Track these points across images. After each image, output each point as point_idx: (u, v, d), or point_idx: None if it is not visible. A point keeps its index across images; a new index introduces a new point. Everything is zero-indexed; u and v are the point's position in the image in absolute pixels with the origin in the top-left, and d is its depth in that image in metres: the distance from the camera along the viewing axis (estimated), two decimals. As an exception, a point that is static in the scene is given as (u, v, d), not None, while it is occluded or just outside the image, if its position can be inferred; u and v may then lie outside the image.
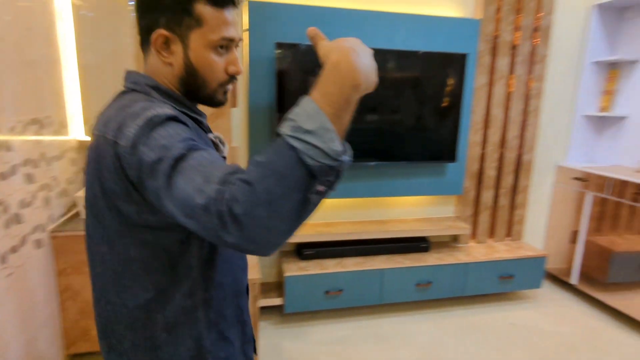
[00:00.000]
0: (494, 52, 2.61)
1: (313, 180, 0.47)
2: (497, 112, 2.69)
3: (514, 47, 2.63)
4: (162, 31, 0.63)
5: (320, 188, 0.48)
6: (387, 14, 2.36)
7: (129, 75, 0.68)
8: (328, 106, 0.47)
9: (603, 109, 2.86)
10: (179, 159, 0.51)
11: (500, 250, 2.72)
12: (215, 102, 0.69)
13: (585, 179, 2.69)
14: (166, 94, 0.66)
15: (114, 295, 0.66)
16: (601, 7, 2.66)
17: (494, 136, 2.72)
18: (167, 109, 0.58)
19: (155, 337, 0.66)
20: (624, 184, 2.43)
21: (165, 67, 0.66)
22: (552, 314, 2.55)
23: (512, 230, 2.94)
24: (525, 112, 2.75)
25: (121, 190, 0.59)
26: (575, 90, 2.85)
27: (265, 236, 0.47)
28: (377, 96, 2.35)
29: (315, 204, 0.49)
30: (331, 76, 0.48)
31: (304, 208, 0.48)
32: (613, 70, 2.78)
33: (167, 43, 0.64)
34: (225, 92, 0.70)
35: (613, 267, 2.50)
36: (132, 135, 0.55)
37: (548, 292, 2.83)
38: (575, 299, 2.73)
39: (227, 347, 0.73)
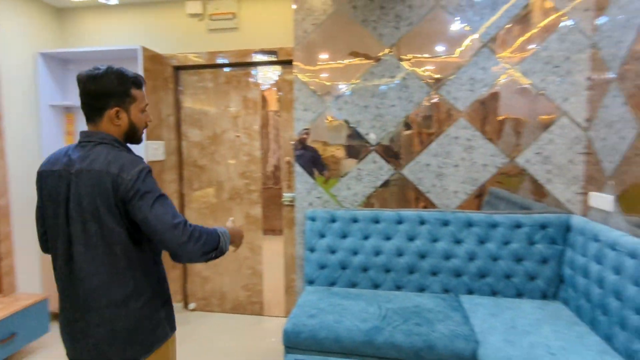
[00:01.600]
0: None
1: (217, 249, 1.18)
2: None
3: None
4: (117, 108, 1.15)
5: (215, 253, 1.18)
6: None
7: (93, 133, 1.15)
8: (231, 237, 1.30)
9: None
10: (161, 196, 1.11)
11: (-8, 312, 2.35)
12: (139, 141, 1.25)
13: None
14: (120, 143, 1.18)
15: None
16: (45, 56, 2.90)
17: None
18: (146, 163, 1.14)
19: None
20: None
21: (116, 127, 1.17)
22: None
23: (2, 285, 2.61)
24: (-13, 154, 2.51)
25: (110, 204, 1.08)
26: (38, 130, 2.93)
27: (195, 255, 1.12)
28: None
29: (212, 258, 1.18)
30: (235, 235, 1.33)
31: (209, 256, 1.16)
32: (69, 113, 3.12)
33: (117, 114, 1.16)
34: (141, 135, 1.26)
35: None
36: (135, 174, 1.08)
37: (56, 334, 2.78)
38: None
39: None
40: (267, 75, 3.02)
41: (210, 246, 1.13)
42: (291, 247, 2.96)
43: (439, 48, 2.38)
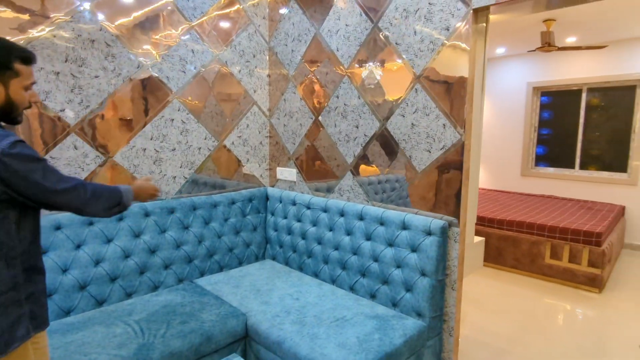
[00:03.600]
0: None
1: (119, 205, 1.27)
2: None
3: None
4: None
5: (118, 209, 1.27)
6: None
7: None
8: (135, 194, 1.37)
9: None
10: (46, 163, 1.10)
11: None
12: (18, 121, 1.13)
13: None
14: None
15: None
16: None
17: None
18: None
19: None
20: None
21: None
22: None
23: None
24: None
25: None
26: None
27: (99, 212, 1.22)
28: None
29: (115, 212, 1.27)
30: (139, 190, 1.41)
31: (112, 210, 1.25)
32: None
33: None
34: (22, 114, 1.14)
35: None
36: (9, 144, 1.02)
37: None
38: None
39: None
40: None
41: (113, 202, 1.24)
42: None
43: (149, 24, 2.12)
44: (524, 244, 3.68)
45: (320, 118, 2.46)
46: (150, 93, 2.17)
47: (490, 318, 2.80)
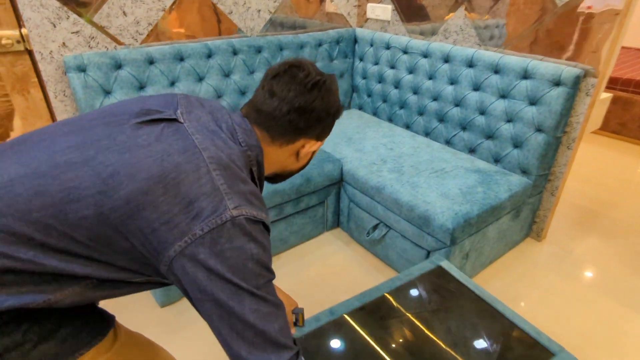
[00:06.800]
0: None
1: None
2: None
3: None
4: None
5: None
6: None
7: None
8: None
9: None
10: None
11: None
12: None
13: None
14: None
15: None
16: None
17: None
18: None
19: None
20: None
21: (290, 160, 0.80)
22: None
23: None
24: None
25: None
26: None
27: None
28: None
29: None
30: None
31: None
32: None
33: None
34: None
35: None
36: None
37: None
38: None
39: None
40: None
41: None
42: (39, 121, 1.89)
43: None
44: (637, 107, 3.22)
45: None
46: None
47: (587, 182, 2.63)
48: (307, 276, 1.78)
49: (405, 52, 2.15)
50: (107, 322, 0.69)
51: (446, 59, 1.97)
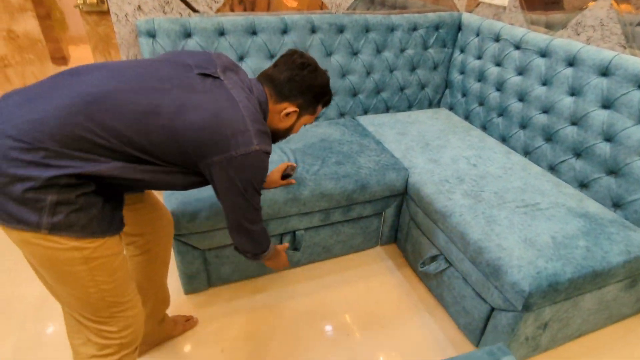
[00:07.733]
0: None
1: (255, 255, 1.10)
2: None
3: None
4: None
5: (250, 255, 1.09)
6: None
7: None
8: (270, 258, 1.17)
9: None
10: None
11: None
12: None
13: None
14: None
15: None
16: None
17: None
18: None
19: None
20: None
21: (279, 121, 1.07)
22: None
23: None
24: None
25: None
26: None
27: (240, 242, 1.04)
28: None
29: (242, 252, 1.08)
30: (276, 257, 1.21)
31: (245, 252, 1.08)
32: None
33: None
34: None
35: None
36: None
37: None
38: None
39: None
40: None
41: (257, 249, 1.08)
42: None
43: None
44: None
45: None
46: None
47: None
48: (341, 293, 1.57)
49: (517, 47, 1.72)
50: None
51: (571, 62, 1.52)
